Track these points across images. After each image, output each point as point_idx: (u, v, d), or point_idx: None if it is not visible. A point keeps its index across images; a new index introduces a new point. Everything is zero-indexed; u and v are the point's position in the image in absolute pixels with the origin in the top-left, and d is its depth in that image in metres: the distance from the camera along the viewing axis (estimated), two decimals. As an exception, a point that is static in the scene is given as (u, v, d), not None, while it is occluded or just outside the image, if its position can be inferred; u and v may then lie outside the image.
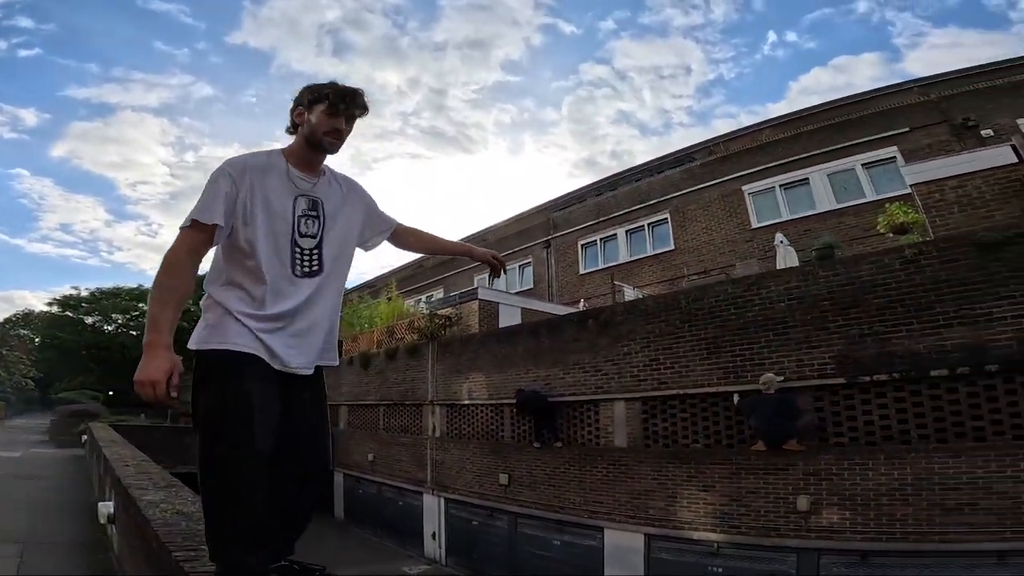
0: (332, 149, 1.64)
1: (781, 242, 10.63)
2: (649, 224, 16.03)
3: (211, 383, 1.48)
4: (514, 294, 15.70)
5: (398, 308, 15.44)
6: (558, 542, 9.11)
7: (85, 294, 41.69)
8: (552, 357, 9.78)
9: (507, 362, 10.62)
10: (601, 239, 17.15)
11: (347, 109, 1.60)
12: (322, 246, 1.64)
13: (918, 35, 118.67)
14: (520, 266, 19.58)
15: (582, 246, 17.69)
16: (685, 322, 8.04)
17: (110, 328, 41.30)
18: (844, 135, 13.35)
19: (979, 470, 5.52)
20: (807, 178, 13.56)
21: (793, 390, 6.91)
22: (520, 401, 9.80)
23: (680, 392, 7.94)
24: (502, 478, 10.08)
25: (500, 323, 12.72)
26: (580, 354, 9.32)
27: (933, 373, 6.06)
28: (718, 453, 7.41)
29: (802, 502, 6.43)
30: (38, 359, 39.31)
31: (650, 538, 7.83)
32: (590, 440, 9.06)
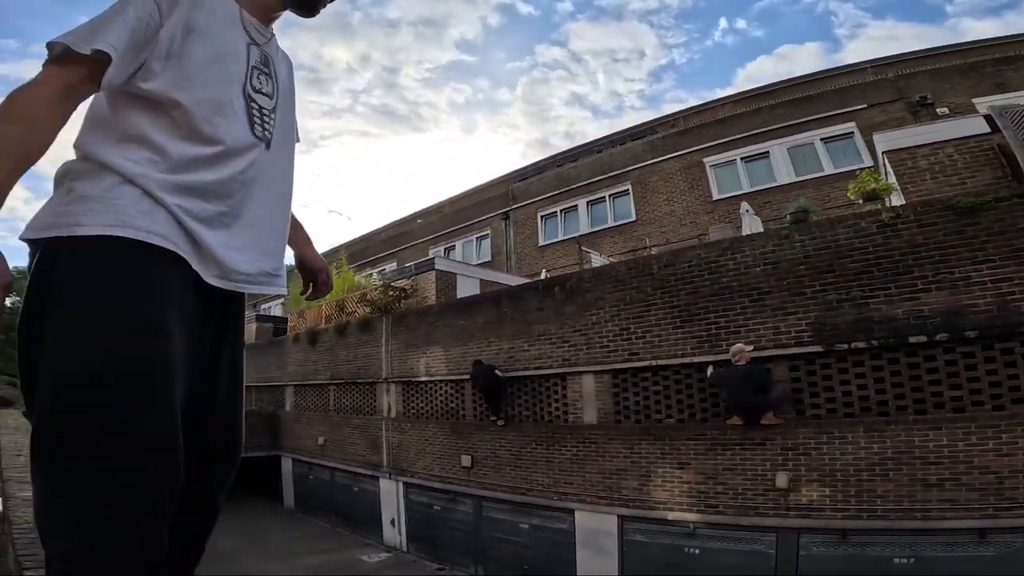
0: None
1: (747, 211, 10.52)
2: (610, 195, 15.76)
3: (82, 300, 0.83)
4: (473, 266, 15.06)
5: (348, 281, 14.46)
6: (526, 526, 8.66)
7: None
8: (515, 328, 9.23)
9: (467, 334, 10.01)
10: (561, 210, 16.75)
11: None
12: (276, 114, 1.14)
13: (858, 26, 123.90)
14: (478, 238, 18.96)
15: (542, 217, 17.22)
16: (657, 288, 7.67)
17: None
18: (803, 110, 13.70)
19: (960, 443, 5.41)
20: (767, 151, 13.72)
21: (766, 360, 6.68)
22: (473, 375, 9.28)
23: (653, 363, 7.58)
24: (464, 460, 9.55)
25: (458, 295, 12.15)
26: (545, 324, 8.80)
27: (911, 339, 5.92)
28: (693, 428, 7.12)
29: (781, 479, 6.22)
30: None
31: (623, 520, 7.48)
32: (558, 417, 8.61)
